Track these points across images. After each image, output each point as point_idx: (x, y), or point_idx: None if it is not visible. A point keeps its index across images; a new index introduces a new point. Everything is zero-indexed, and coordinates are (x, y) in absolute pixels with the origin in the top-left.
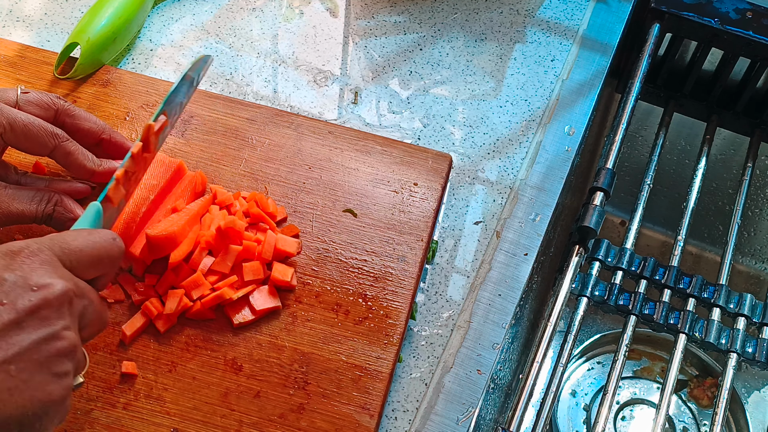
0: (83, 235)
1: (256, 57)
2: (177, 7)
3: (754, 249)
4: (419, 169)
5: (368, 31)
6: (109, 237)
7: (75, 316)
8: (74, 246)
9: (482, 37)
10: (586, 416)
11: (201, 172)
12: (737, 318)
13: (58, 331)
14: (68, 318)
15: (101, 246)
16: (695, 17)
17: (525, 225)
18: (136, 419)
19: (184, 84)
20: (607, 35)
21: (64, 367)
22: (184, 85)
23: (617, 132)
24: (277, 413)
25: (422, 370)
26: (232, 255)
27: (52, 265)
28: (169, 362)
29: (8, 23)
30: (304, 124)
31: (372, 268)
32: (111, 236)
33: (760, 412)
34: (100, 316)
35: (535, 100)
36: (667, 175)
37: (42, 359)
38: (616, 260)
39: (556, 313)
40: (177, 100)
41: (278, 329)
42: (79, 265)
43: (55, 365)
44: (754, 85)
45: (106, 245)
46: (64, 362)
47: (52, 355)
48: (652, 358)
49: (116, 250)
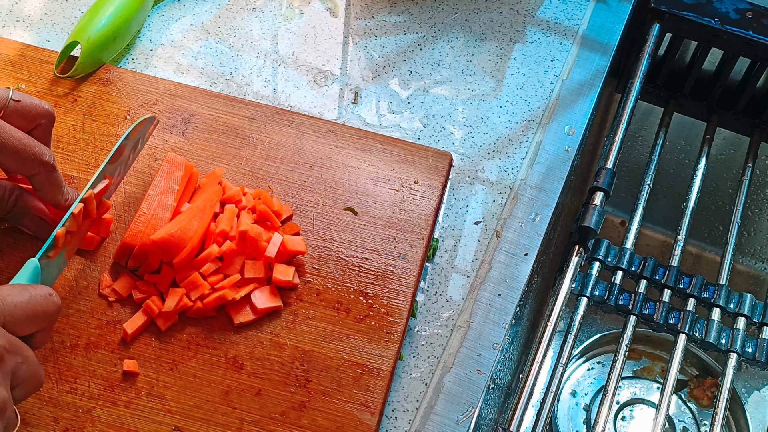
0: (18, 291)
1: (256, 57)
2: (177, 7)
3: (754, 249)
4: (420, 167)
5: (368, 31)
6: (45, 292)
7: (6, 373)
8: (9, 302)
9: (482, 37)
10: (586, 416)
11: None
12: (737, 318)
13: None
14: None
15: (37, 302)
16: (695, 17)
17: (525, 225)
18: (137, 417)
19: (128, 145)
20: (607, 35)
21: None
22: (127, 146)
23: (617, 132)
24: (279, 411)
25: (422, 370)
26: (241, 258)
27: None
28: (170, 360)
29: (8, 23)
30: (304, 123)
31: (373, 266)
32: (47, 291)
33: (760, 412)
34: (34, 374)
35: (535, 100)
36: (667, 175)
37: None
38: (616, 260)
39: (556, 313)
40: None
41: (279, 327)
42: (13, 321)
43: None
44: (754, 85)
45: (42, 301)
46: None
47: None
48: (652, 358)
49: (52, 307)
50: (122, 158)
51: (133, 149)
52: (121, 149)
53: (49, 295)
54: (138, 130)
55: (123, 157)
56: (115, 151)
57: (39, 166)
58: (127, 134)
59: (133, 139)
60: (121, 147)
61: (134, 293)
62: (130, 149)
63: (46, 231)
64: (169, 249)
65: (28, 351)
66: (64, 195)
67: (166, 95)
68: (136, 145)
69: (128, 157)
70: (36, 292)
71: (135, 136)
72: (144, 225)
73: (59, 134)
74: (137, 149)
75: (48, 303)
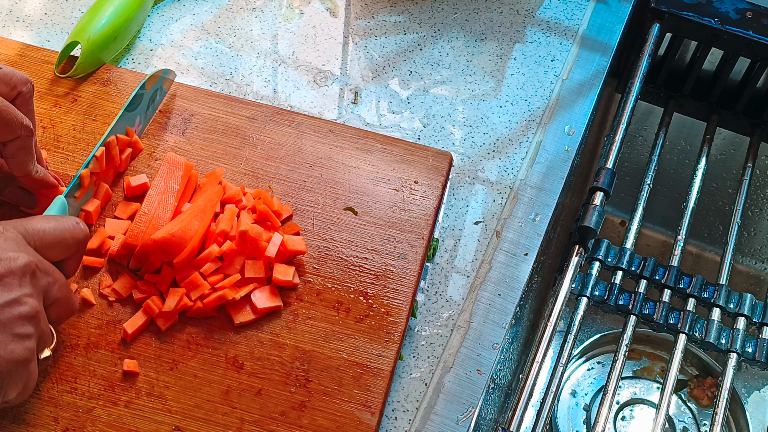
0: (45, 219)
1: (256, 57)
2: (177, 7)
3: (754, 249)
4: (420, 167)
5: (368, 31)
6: (72, 221)
7: (38, 288)
8: (38, 227)
9: (482, 37)
10: (586, 416)
11: (191, 163)
12: (737, 318)
13: (20, 297)
14: (30, 288)
15: (64, 228)
16: (695, 17)
17: (525, 225)
18: (137, 417)
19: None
20: (607, 35)
21: (25, 329)
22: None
23: (617, 132)
24: (279, 411)
25: (422, 370)
26: (241, 258)
27: (16, 241)
28: (170, 360)
29: (8, 23)
30: (304, 123)
31: (373, 266)
32: (74, 220)
33: (760, 412)
34: (67, 297)
35: (535, 100)
36: (667, 175)
37: (3, 320)
38: (616, 260)
39: (556, 313)
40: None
41: (279, 327)
42: (42, 244)
43: (17, 327)
44: (754, 85)
45: (70, 227)
46: (25, 325)
47: (14, 318)
48: (652, 358)
49: (80, 232)
50: (140, 108)
51: (152, 101)
52: (137, 98)
53: (76, 223)
54: (155, 79)
55: (141, 107)
56: (132, 99)
57: (20, 128)
58: (143, 83)
59: (149, 90)
60: (138, 96)
61: (134, 293)
62: (147, 100)
63: (29, 200)
64: (169, 249)
65: (59, 274)
66: (35, 166)
67: (166, 95)
68: (155, 97)
69: (147, 108)
70: (64, 220)
71: (151, 86)
72: (145, 225)
73: (59, 134)
74: (156, 101)
75: (75, 229)
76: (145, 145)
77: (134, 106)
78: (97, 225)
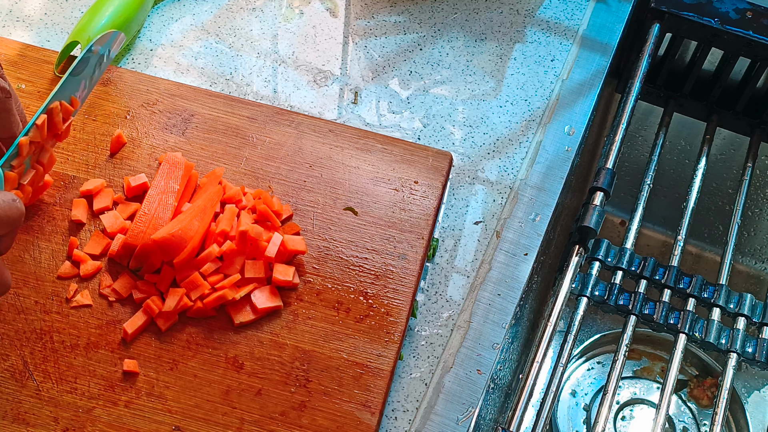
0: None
1: (256, 57)
2: (177, 7)
3: (754, 249)
4: (420, 167)
5: (368, 31)
6: (8, 198)
7: None
8: None
9: (482, 37)
10: (586, 416)
11: (191, 163)
12: (737, 318)
13: None
14: None
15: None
16: (695, 17)
17: (525, 225)
18: (137, 417)
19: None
20: (607, 35)
21: None
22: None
23: (617, 132)
24: (279, 411)
25: (422, 370)
26: (241, 258)
27: None
28: (170, 360)
29: (8, 23)
30: (304, 123)
31: (373, 266)
32: (11, 197)
33: (760, 412)
34: None
35: (535, 100)
36: (667, 175)
37: None
38: (616, 260)
39: (556, 313)
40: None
41: (279, 327)
42: None
43: None
44: (754, 85)
45: (5, 205)
46: None
47: None
48: (652, 358)
49: (15, 211)
50: (86, 71)
51: (98, 65)
52: (84, 61)
53: (12, 201)
54: (102, 41)
55: (87, 71)
56: (77, 63)
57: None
58: (90, 47)
59: (96, 54)
60: (85, 59)
61: (134, 293)
62: (94, 64)
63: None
64: (170, 249)
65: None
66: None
67: (166, 95)
68: (101, 61)
69: (93, 73)
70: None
71: (98, 49)
72: (145, 225)
73: None
74: (102, 65)
75: (11, 208)
76: (145, 145)
77: (80, 70)
78: (94, 227)
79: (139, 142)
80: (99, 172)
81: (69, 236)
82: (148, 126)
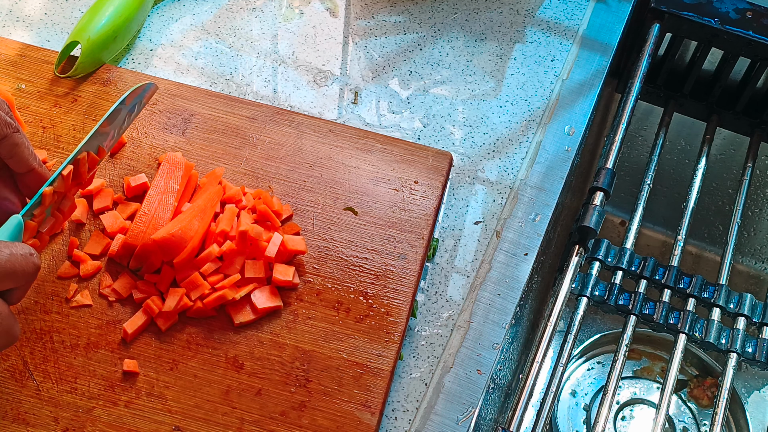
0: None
1: (256, 57)
2: (177, 7)
3: (754, 249)
4: (420, 167)
5: (368, 31)
6: (26, 251)
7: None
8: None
9: (482, 37)
10: (586, 416)
11: (191, 163)
12: (737, 318)
13: None
14: None
15: (16, 260)
16: (695, 17)
17: (525, 225)
18: (137, 417)
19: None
20: (607, 35)
21: None
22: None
23: (617, 132)
24: (279, 411)
25: (422, 370)
26: (241, 258)
27: None
28: (170, 360)
29: (8, 23)
30: (304, 123)
31: (373, 266)
32: (28, 251)
33: (760, 412)
34: (8, 328)
35: (535, 100)
36: (667, 175)
37: None
38: (616, 260)
39: (556, 313)
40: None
41: (279, 327)
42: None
43: None
44: (754, 85)
45: (21, 260)
46: None
47: None
48: (652, 358)
49: (31, 267)
50: (117, 122)
51: (129, 114)
52: (116, 112)
53: (29, 255)
54: (135, 94)
55: (117, 121)
56: (110, 114)
57: (5, 126)
58: (123, 98)
59: (129, 104)
60: (117, 110)
61: (134, 293)
62: (125, 114)
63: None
64: (170, 249)
65: (3, 305)
66: (35, 158)
67: (166, 95)
68: (133, 110)
69: (123, 122)
70: (17, 251)
71: (131, 100)
72: (145, 225)
73: (59, 134)
74: (133, 114)
75: (27, 262)
76: (145, 145)
77: (110, 121)
78: (94, 227)
79: (139, 142)
80: (99, 172)
81: (69, 236)
82: (148, 126)
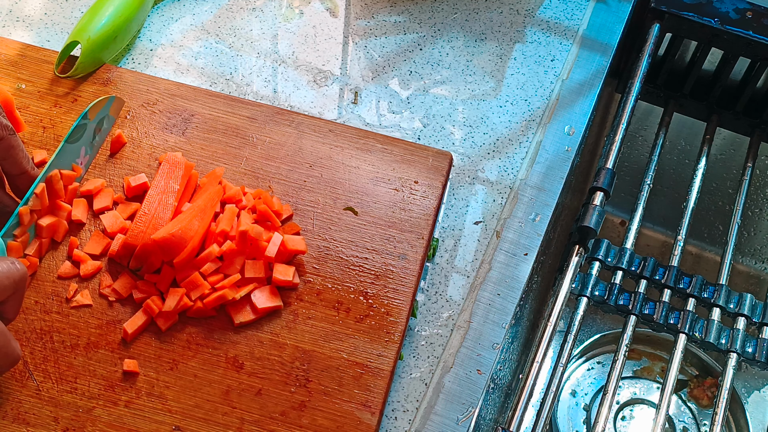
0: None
1: (256, 57)
2: (177, 7)
3: (754, 249)
4: (420, 167)
5: (368, 31)
6: (7, 261)
7: None
8: None
9: (482, 37)
10: (586, 416)
11: (191, 163)
12: (737, 318)
13: None
14: None
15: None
16: (695, 17)
17: (525, 225)
18: (137, 417)
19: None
20: (607, 35)
21: None
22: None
23: (617, 132)
24: (279, 411)
25: (422, 370)
26: (241, 258)
27: None
28: (170, 360)
29: (8, 23)
30: (304, 123)
31: (373, 266)
32: (9, 260)
33: (760, 412)
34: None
35: (535, 100)
36: (667, 175)
37: None
38: (616, 260)
39: (556, 313)
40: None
41: (279, 327)
42: None
43: None
44: (754, 85)
45: (5, 268)
46: None
47: None
48: (652, 358)
49: (16, 272)
50: (84, 138)
51: (97, 130)
52: (80, 128)
53: (11, 264)
54: (98, 108)
55: (86, 137)
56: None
57: (1, 129)
58: (85, 113)
59: (93, 119)
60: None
61: (134, 293)
62: (92, 129)
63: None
64: (170, 249)
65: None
66: (28, 161)
67: (166, 95)
68: (101, 126)
69: (93, 138)
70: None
71: (95, 115)
72: (145, 225)
73: (59, 134)
74: (103, 129)
75: (11, 269)
76: (145, 145)
77: (77, 138)
78: (94, 227)
79: (139, 142)
80: (99, 172)
81: (69, 236)
82: (148, 126)
